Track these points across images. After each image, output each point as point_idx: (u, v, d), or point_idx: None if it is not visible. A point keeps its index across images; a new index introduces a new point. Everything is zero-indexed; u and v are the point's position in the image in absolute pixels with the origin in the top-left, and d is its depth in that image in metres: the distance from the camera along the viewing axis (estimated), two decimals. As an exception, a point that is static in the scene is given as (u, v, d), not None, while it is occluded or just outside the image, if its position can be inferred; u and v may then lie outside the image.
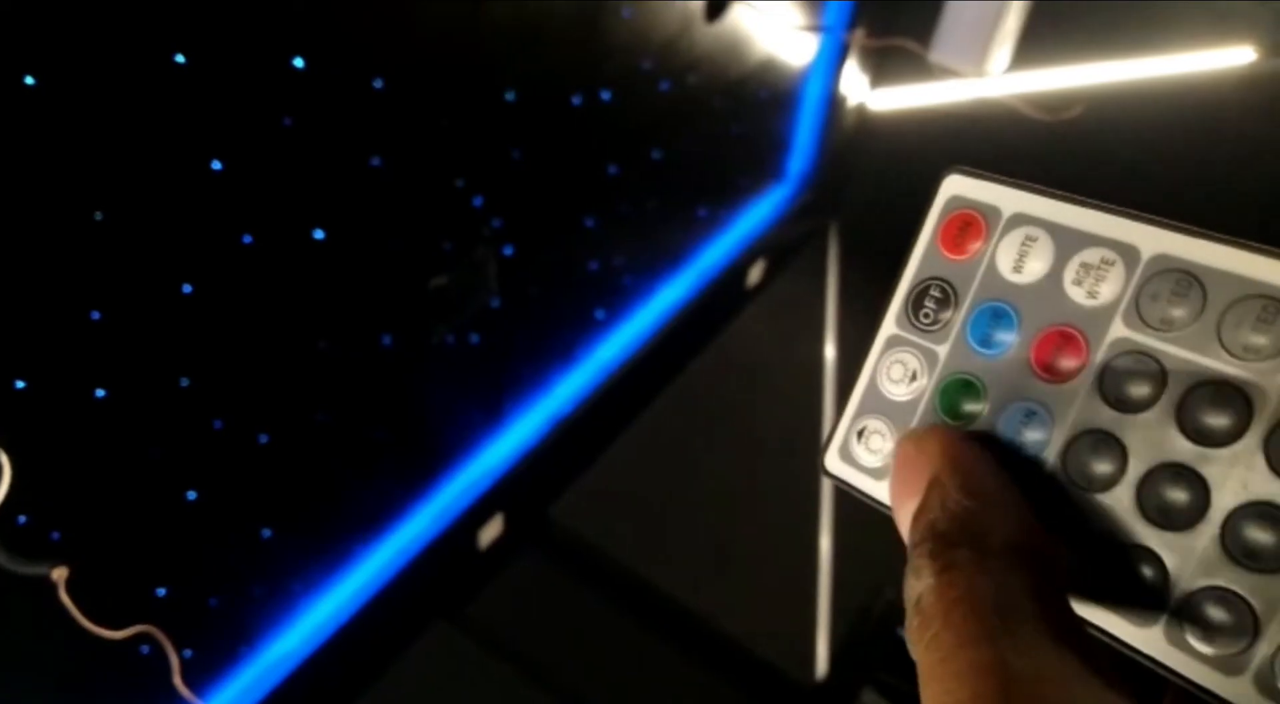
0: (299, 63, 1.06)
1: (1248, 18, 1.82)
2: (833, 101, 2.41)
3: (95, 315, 0.96)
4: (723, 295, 2.34)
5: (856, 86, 2.40)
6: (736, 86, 2.02)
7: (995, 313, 0.26)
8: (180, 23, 0.93)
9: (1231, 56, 1.83)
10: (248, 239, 1.09)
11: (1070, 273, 0.25)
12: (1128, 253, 0.24)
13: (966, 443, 0.24)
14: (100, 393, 1.01)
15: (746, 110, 2.15)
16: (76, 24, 0.84)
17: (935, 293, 0.28)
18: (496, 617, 1.85)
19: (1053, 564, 0.22)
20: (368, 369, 1.42)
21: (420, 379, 1.53)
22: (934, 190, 0.28)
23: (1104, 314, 0.24)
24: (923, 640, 0.20)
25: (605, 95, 1.61)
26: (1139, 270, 0.24)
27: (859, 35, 2.20)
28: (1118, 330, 0.24)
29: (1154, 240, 0.24)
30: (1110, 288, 0.24)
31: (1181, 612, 0.22)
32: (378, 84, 1.17)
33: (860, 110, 2.47)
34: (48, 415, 0.97)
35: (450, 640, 1.77)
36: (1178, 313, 0.23)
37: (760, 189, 2.44)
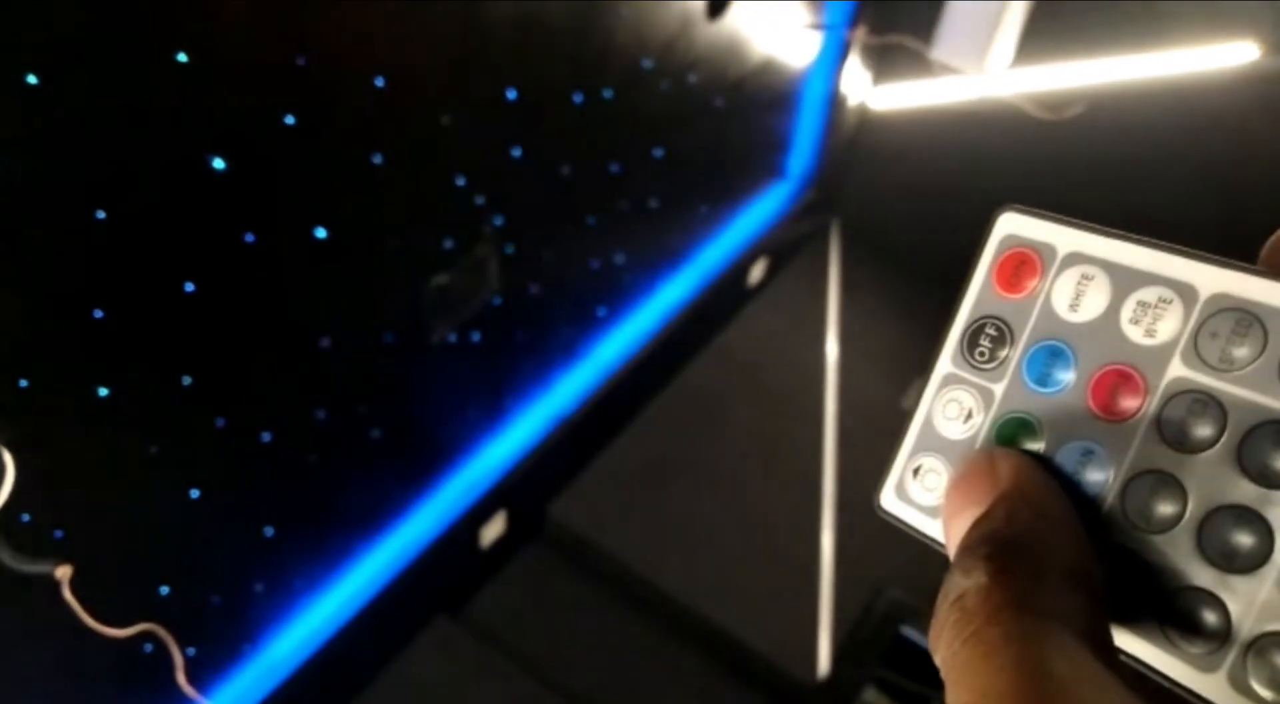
0: (301, 62, 1.06)
1: (1249, 15, 1.82)
2: (834, 100, 2.41)
3: (98, 314, 0.96)
4: (724, 294, 2.34)
5: (858, 85, 2.40)
6: (737, 85, 2.02)
7: (1052, 352, 0.26)
8: (183, 22, 0.93)
9: (1233, 54, 1.83)
10: (250, 238, 1.10)
11: (1127, 312, 0.25)
12: (1186, 292, 0.24)
13: (1038, 469, 0.25)
14: (103, 391, 1.01)
15: (747, 109, 2.15)
16: (79, 23, 0.84)
17: (991, 331, 0.28)
18: (498, 614, 1.85)
19: (1103, 594, 0.22)
20: (370, 367, 1.42)
21: (422, 377, 1.53)
22: (988, 228, 0.28)
23: (1162, 353, 0.24)
24: (961, 636, 0.21)
25: (606, 94, 1.61)
26: (1197, 309, 0.24)
27: (860, 33, 2.20)
28: (1176, 370, 0.24)
29: (1212, 279, 0.23)
30: (1168, 327, 0.24)
31: (1246, 657, 0.22)
32: (379, 82, 1.17)
33: (861, 108, 2.47)
34: (51, 414, 0.97)
35: (452, 637, 1.77)
36: (1238, 352, 0.23)
37: (761, 187, 2.44)
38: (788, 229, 2.55)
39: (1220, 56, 1.85)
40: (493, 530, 1.85)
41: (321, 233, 1.19)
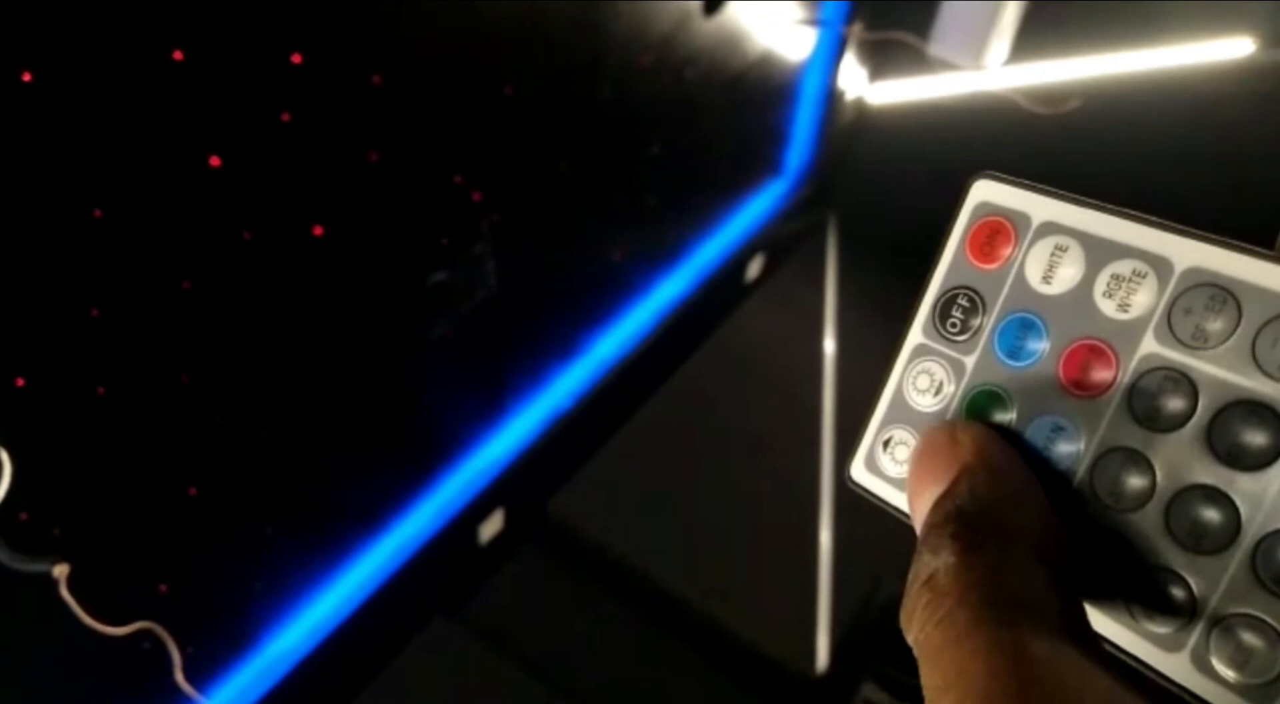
0: (297, 59, 1.06)
1: (1246, 9, 1.82)
2: (831, 95, 2.41)
3: (95, 312, 0.96)
4: (721, 289, 2.34)
5: (855, 80, 2.39)
6: (734, 81, 2.02)
7: (1024, 324, 0.26)
8: (178, 19, 0.93)
9: (1230, 48, 1.83)
10: (247, 235, 1.09)
11: (1101, 284, 0.24)
12: (1161, 265, 0.23)
13: (1000, 441, 0.24)
14: (101, 390, 1.01)
15: (745, 104, 2.15)
16: (75, 20, 0.84)
17: (963, 302, 0.27)
18: (497, 612, 1.85)
19: (1071, 569, 0.22)
20: (367, 364, 1.42)
21: (420, 374, 1.53)
22: (962, 195, 0.28)
23: (1135, 328, 0.24)
24: (933, 618, 0.20)
25: (603, 90, 1.60)
26: (1172, 284, 0.23)
27: (857, 29, 2.19)
28: (1149, 345, 0.23)
29: (1188, 253, 0.23)
30: (1142, 301, 0.24)
31: (1209, 637, 0.21)
32: (376, 80, 1.17)
33: (858, 104, 2.46)
34: (48, 412, 0.97)
35: (450, 636, 1.77)
36: (1211, 328, 0.22)
37: (759, 183, 2.44)
38: (785, 225, 2.55)
39: (1217, 51, 1.85)
40: (491, 528, 1.85)
41: (319, 230, 1.19)
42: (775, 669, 1.85)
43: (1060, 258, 0.25)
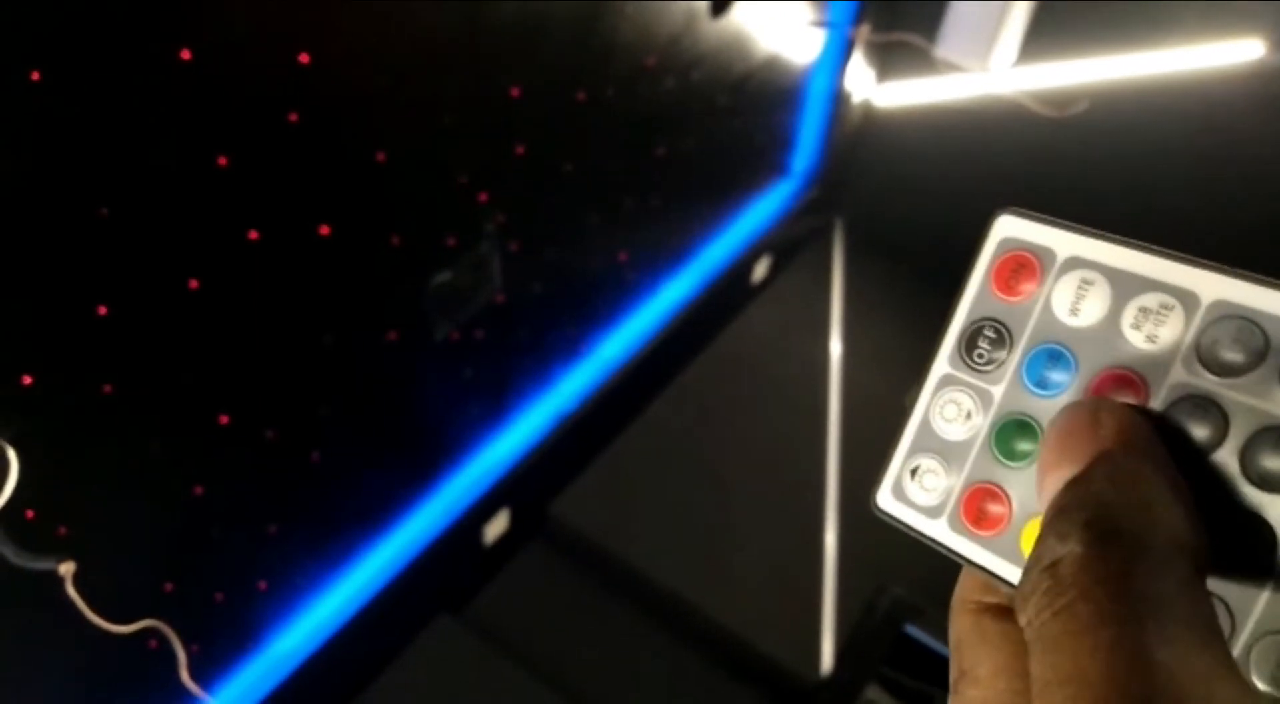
0: (305, 59, 1.06)
1: (1255, 12, 1.81)
2: (838, 97, 2.41)
3: (102, 311, 0.97)
4: (727, 292, 2.34)
5: (861, 82, 2.39)
6: (741, 82, 2.02)
7: (1052, 355, 0.26)
8: (187, 18, 0.93)
9: (1239, 51, 1.83)
10: (253, 235, 1.10)
11: (1128, 317, 0.25)
12: (1186, 298, 0.24)
13: (1145, 425, 0.23)
14: (107, 388, 1.01)
15: (751, 106, 2.15)
16: (83, 19, 0.84)
17: (989, 333, 0.28)
18: (501, 612, 1.85)
19: (1206, 569, 0.21)
20: (373, 365, 1.42)
21: (424, 375, 1.53)
22: (985, 230, 0.28)
23: (1163, 359, 0.24)
24: (1052, 606, 0.20)
25: (610, 91, 1.61)
26: (1199, 315, 0.24)
27: (864, 31, 2.19)
28: (1178, 375, 0.24)
29: (1213, 286, 0.24)
30: (1169, 332, 0.24)
31: (1249, 655, 0.22)
32: (382, 80, 1.17)
33: (865, 106, 2.46)
34: (55, 410, 0.97)
35: (455, 635, 1.77)
36: (1239, 358, 0.23)
37: (765, 185, 2.44)
38: (791, 227, 2.55)
39: (1226, 54, 1.85)
40: (496, 528, 1.85)
41: (325, 230, 1.19)
42: (779, 671, 1.84)
43: (1087, 291, 0.26)
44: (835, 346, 2.35)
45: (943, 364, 0.29)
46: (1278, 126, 1.89)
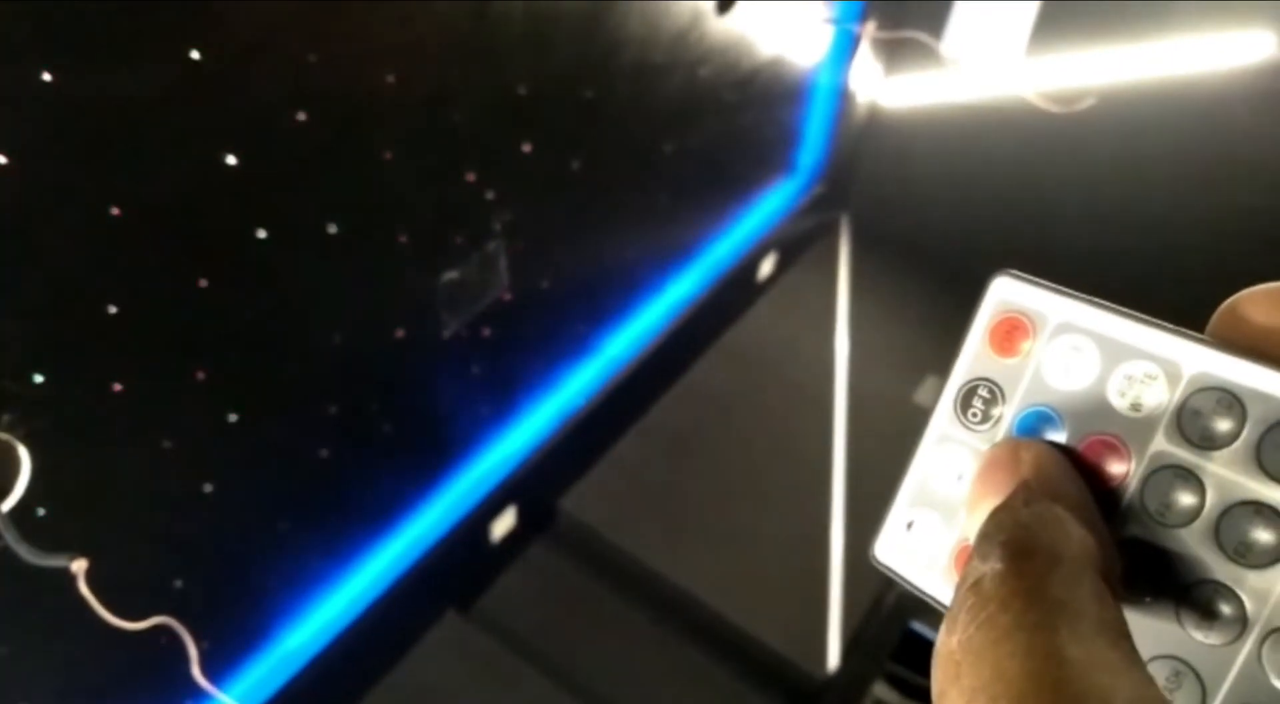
0: (313, 59, 1.06)
1: (1265, 9, 1.81)
2: (844, 94, 2.41)
3: (112, 309, 0.97)
4: (733, 288, 2.34)
5: (868, 79, 2.39)
6: (747, 80, 2.02)
7: (1041, 417, 0.27)
8: (196, 19, 0.93)
9: (1248, 47, 1.82)
10: (262, 233, 1.10)
11: (1114, 383, 0.26)
12: (1171, 368, 0.25)
13: (1060, 458, 0.25)
14: (118, 386, 1.02)
15: (757, 103, 2.15)
16: (93, 21, 0.85)
17: (984, 392, 0.29)
18: (508, 608, 1.86)
19: (1115, 580, 0.23)
20: (380, 363, 1.42)
21: (433, 372, 1.54)
22: (983, 292, 0.29)
23: (1146, 426, 0.25)
24: (975, 620, 0.21)
25: (617, 89, 1.61)
26: (1181, 386, 0.24)
27: (870, 27, 2.19)
28: (1160, 443, 0.24)
29: (1196, 358, 0.24)
30: (1153, 401, 0.25)
31: (1260, 648, 0.22)
32: (390, 79, 1.18)
33: (871, 103, 2.46)
34: (66, 409, 0.98)
35: (462, 631, 1.78)
36: (1219, 430, 0.23)
37: (771, 182, 2.44)
38: (797, 224, 2.55)
39: (1234, 50, 1.84)
40: (503, 525, 1.86)
41: (333, 228, 1.20)
42: (785, 668, 1.85)
43: (1076, 357, 0.27)
44: (841, 343, 2.36)
45: (940, 421, 0.30)
46: (1285, 122, 1.89)
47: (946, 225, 2.46)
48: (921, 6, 2.16)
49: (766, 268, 2.51)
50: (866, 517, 2.00)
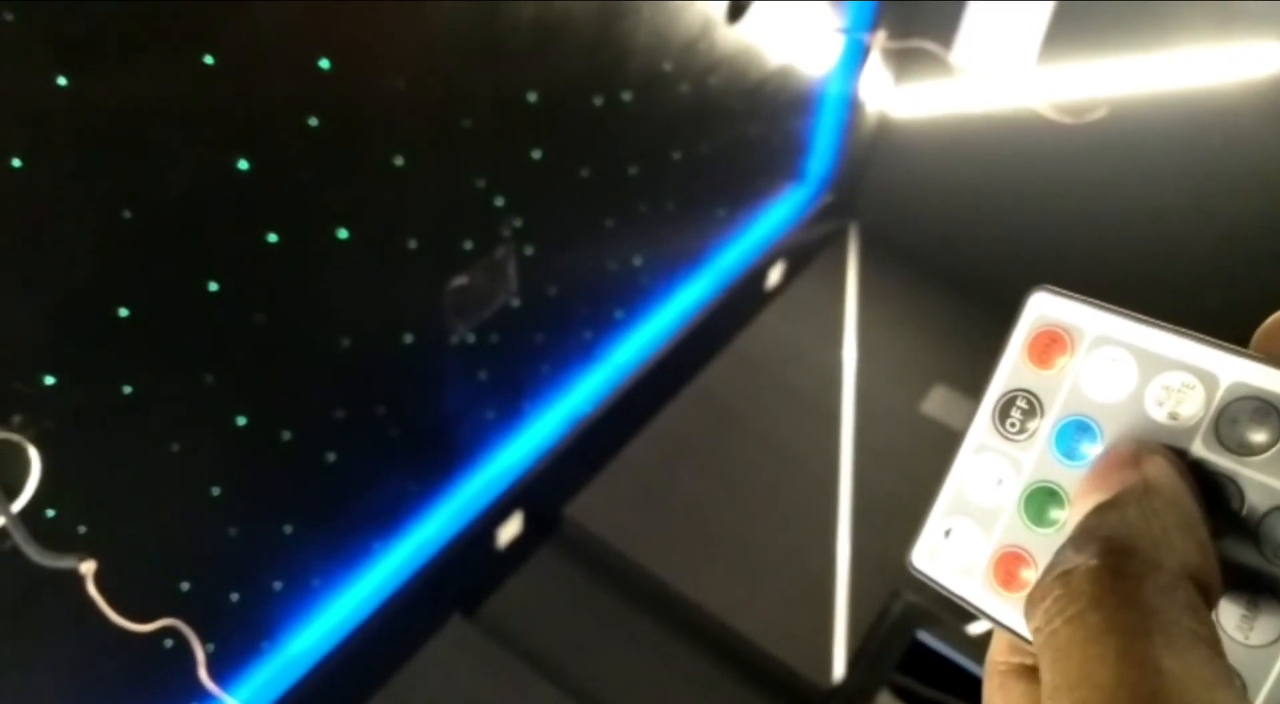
0: (325, 64, 1.07)
1: (1277, 21, 1.80)
2: (853, 103, 2.41)
3: (123, 312, 0.98)
4: (741, 296, 2.34)
5: (877, 88, 2.39)
6: (757, 88, 2.02)
7: (1080, 427, 0.28)
8: (210, 23, 0.94)
9: (1259, 58, 1.82)
10: (273, 238, 1.11)
11: (1152, 394, 0.26)
12: (1207, 378, 0.25)
13: (1180, 473, 0.25)
14: (127, 389, 1.02)
15: (767, 112, 2.15)
16: (107, 24, 0.86)
17: (1021, 404, 0.29)
18: (513, 614, 1.86)
19: (1215, 599, 0.23)
20: (389, 367, 1.43)
21: (440, 378, 1.54)
22: (1021, 306, 0.30)
23: (1184, 435, 0.25)
24: (1063, 614, 0.21)
25: (626, 96, 1.61)
26: (1219, 395, 0.25)
27: (880, 37, 2.19)
28: (1198, 451, 0.25)
29: (1233, 368, 0.25)
30: (1190, 410, 0.25)
31: None
32: (401, 85, 1.18)
33: (881, 112, 2.46)
34: (76, 410, 0.98)
35: (466, 636, 1.78)
36: (1256, 438, 0.24)
37: (780, 190, 2.44)
38: (806, 232, 2.55)
39: (1246, 61, 1.84)
40: (509, 531, 1.86)
41: (343, 233, 1.20)
42: (791, 677, 1.84)
43: (1114, 368, 0.27)
44: (849, 352, 2.35)
45: (978, 431, 0.30)
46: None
47: (955, 235, 2.46)
48: (932, 16, 2.16)
49: (775, 276, 2.51)
50: (873, 525, 1.99)
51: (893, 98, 2.42)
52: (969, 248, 2.42)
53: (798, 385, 2.34)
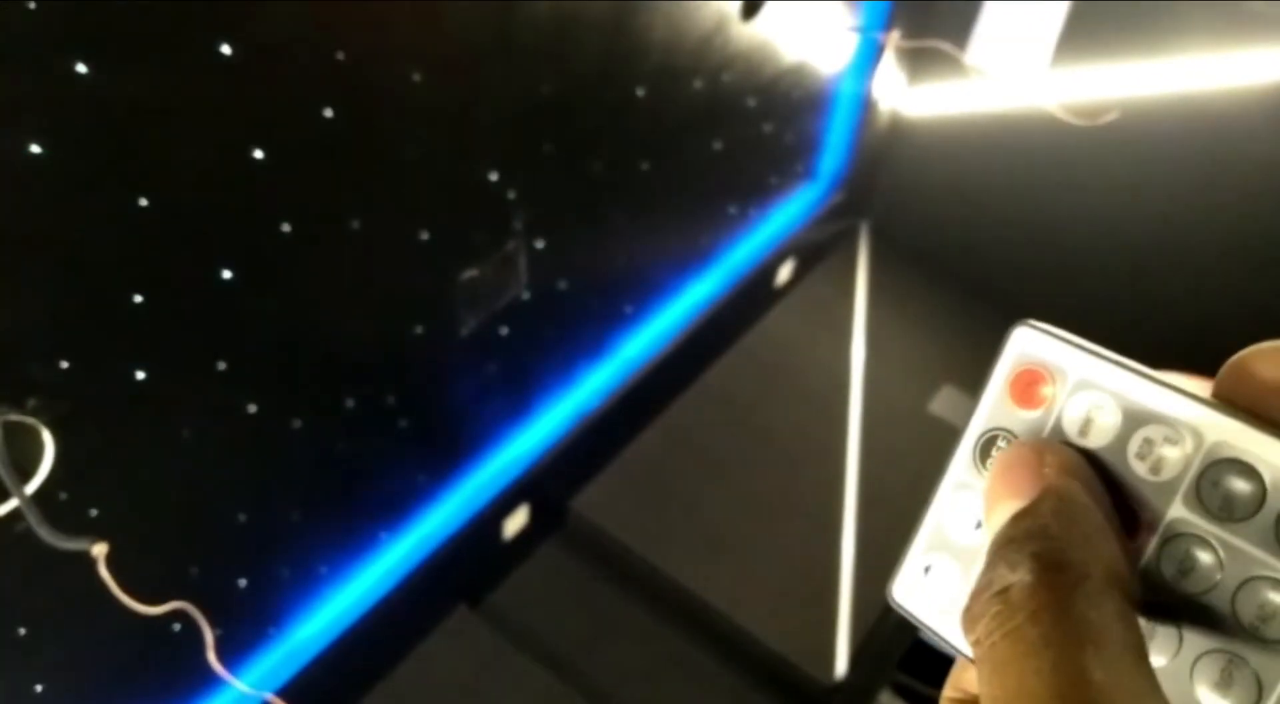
0: (341, 56, 1.08)
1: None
2: (866, 102, 2.41)
3: (138, 299, 0.99)
4: (751, 293, 2.34)
5: (891, 87, 2.39)
6: (770, 86, 2.02)
7: None
8: (227, 15, 0.95)
9: (1273, 64, 1.81)
10: (286, 227, 1.11)
11: (1134, 445, 0.25)
12: (1192, 435, 0.24)
13: (1087, 468, 0.25)
14: (140, 374, 1.03)
15: (779, 109, 2.15)
16: (125, 15, 0.86)
17: (1002, 444, 0.28)
18: (518, 606, 1.86)
19: (1136, 601, 0.23)
20: (399, 359, 1.44)
21: (449, 370, 1.55)
22: (1003, 342, 0.29)
23: (1165, 491, 0.24)
24: (1002, 629, 0.21)
25: (639, 92, 1.62)
26: (1201, 454, 0.24)
27: (894, 36, 2.19)
28: (1178, 510, 0.24)
29: (1217, 427, 0.24)
30: (1172, 466, 0.24)
31: None
32: (416, 78, 1.19)
33: (894, 111, 2.46)
34: (89, 395, 0.99)
35: (471, 627, 1.79)
36: (1237, 503, 0.23)
37: (791, 188, 2.44)
38: (816, 231, 2.55)
39: (1259, 65, 1.83)
40: (515, 523, 1.87)
41: (356, 224, 1.21)
42: (793, 674, 1.84)
43: (1096, 415, 0.26)
44: (858, 350, 2.35)
45: (958, 470, 0.30)
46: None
47: (966, 235, 2.45)
48: (946, 16, 2.16)
49: (785, 273, 2.51)
50: (879, 524, 2.00)
51: (906, 97, 2.42)
52: (979, 248, 2.42)
53: (806, 383, 2.34)
